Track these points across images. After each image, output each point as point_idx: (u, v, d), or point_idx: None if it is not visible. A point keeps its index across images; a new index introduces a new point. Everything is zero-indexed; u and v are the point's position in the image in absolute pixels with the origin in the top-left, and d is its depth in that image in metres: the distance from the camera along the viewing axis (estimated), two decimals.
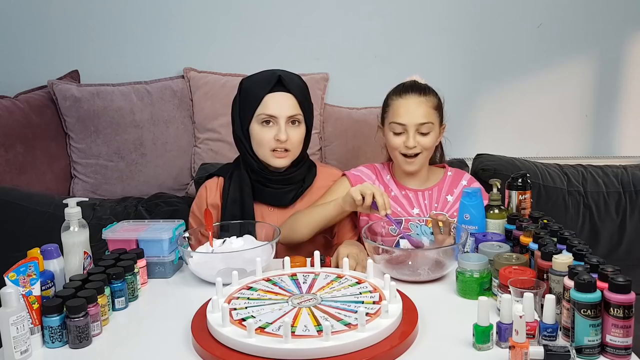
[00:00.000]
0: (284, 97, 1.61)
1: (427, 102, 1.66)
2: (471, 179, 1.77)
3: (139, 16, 2.53)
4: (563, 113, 2.57)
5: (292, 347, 1.02)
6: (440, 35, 2.51)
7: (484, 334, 1.06)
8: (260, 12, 2.51)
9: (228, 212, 1.65)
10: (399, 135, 1.66)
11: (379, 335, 1.06)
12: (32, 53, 2.56)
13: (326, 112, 2.47)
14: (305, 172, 1.71)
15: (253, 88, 1.62)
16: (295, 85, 1.63)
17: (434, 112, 1.67)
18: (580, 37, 2.51)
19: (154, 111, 2.42)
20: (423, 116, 1.64)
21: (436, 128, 1.67)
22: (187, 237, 1.48)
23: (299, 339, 1.04)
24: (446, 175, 1.76)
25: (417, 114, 1.64)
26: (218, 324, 1.09)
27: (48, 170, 2.35)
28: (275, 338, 1.04)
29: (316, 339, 1.03)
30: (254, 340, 1.03)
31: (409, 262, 1.42)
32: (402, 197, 1.72)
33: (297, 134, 1.62)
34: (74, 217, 1.31)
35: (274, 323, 1.09)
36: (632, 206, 2.16)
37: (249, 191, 1.66)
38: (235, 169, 1.71)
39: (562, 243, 1.23)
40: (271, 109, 1.59)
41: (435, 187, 1.73)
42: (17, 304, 1.06)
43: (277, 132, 1.59)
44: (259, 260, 1.32)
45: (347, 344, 1.03)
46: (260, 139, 1.61)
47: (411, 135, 1.64)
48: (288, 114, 1.60)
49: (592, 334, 1.02)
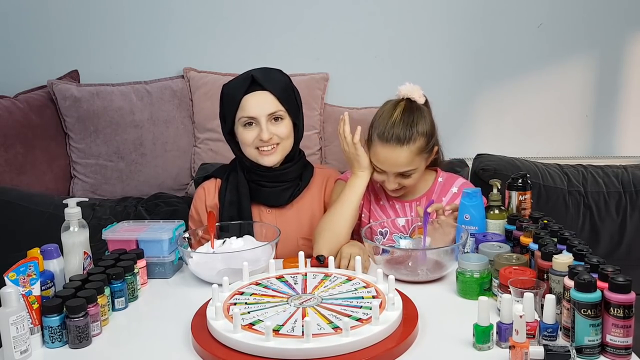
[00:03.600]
0: (261, 96, 1.59)
1: (409, 151, 1.55)
2: (463, 184, 1.71)
3: (138, 16, 2.53)
4: (563, 113, 2.57)
5: (313, 346, 1.02)
6: (440, 35, 2.51)
7: (484, 334, 1.06)
8: (260, 12, 2.51)
9: (225, 214, 1.64)
10: (380, 174, 1.61)
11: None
12: (32, 53, 2.56)
13: (326, 112, 2.47)
14: (301, 170, 1.70)
15: (230, 92, 1.62)
16: (271, 82, 1.60)
17: (417, 156, 1.57)
18: (580, 37, 2.51)
19: (153, 111, 2.42)
20: (403, 165, 1.56)
21: (421, 166, 1.60)
22: (187, 238, 1.48)
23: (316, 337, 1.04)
24: (436, 182, 1.70)
25: (396, 164, 1.56)
26: (228, 331, 1.08)
27: (48, 170, 2.35)
28: (291, 339, 1.04)
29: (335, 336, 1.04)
30: (272, 343, 1.03)
31: (409, 262, 1.42)
32: (389, 207, 1.70)
33: (281, 129, 1.60)
34: (73, 217, 1.31)
35: (285, 324, 1.09)
36: (632, 206, 2.15)
37: (245, 192, 1.65)
38: (231, 170, 1.70)
39: (562, 243, 1.23)
40: (249, 110, 1.58)
41: (423, 197, 1.68)
42: (17, 303, 1.06)
43: (259, 132, 1.58)
44: (245, 264, 1.31)
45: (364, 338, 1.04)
46: (244, 140, 1.61)
47: (391, 180, 1.59)
48: (267, 112, 1.58)
49: (592, 334, 1.02)
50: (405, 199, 1.69)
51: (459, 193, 1.64)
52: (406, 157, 1.55)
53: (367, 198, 1.71)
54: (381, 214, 1.69)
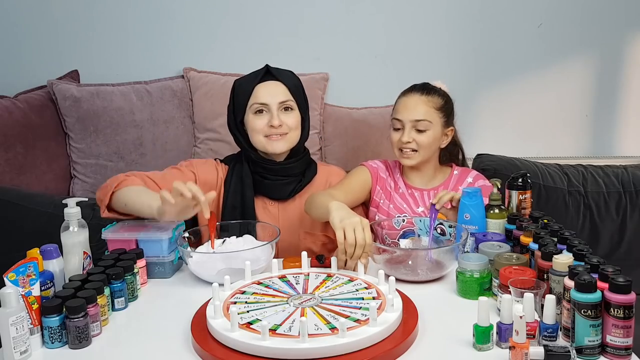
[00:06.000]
0: (274, 85, 1.66)
1: (428, 102, 1.69)
2: (477, 175, 1.79)
3: (139, 16, 2.53)
4: (563, 113, 2.57)
5: (309, 346, 1.02)
6: (440, 35, 2.51)
7: (484, 334, 1.06)
8: (260, 12, 2.51)
9: (229, 202, 1.67)
10: (397, 131, 1.71)
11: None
12: (32, 53, 2.56)
13: (326, 112, 2.47)
14: (305, 166, 1.74)
15: (243, 83, 1.69)
16: (284, 75, 1.69)
17: (435, 112, 1.69)
18: (580, 37, 2.51)
19: (153, 111, 2.42)
20: (420, 113, 1.67)
21: (436, 127, 1.69)
22: (187, 237, 1.48)
23: (312, 338, 1.04)
24: (452, 174, 1.78)
25: (414, 111, 1.68)
26: (225, 329, 1.08)
27: (48, 170, 2.35)
28: (287, 339, 1.04)
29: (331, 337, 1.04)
30: (268, 343, 1.03)
31: (409, 262, 1.42)
32: (408, 196, 1.76)
33: (291, 119, 1.66)
34: (73, 217, 1.31)
35: (282, 324, 1.09)
36: (632, 206, 2.15)
37: (249, 183, 1.68)
38: (237, 161, 1.73)
39: (562, 243, 1.23)
40: (262, 97, 1.64)
41: (441, 186, 1.76)
42: (16, 304, 1.06)
43: (269, 118, 1.63)
44: (248, 264, 1.31)
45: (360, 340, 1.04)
46: (253, 126, 1.65)
47: (406, 131, 1.68)
48: (279, 100, 1.65)
49: (592, 334, 1.02)
50: (424, 188, 1.76)
51: (474, 183, 1.74)
52: (424, 105, 1.68)
53: (387, 188, 1.77)
54: (401, 201, 1.75)
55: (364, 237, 1.29)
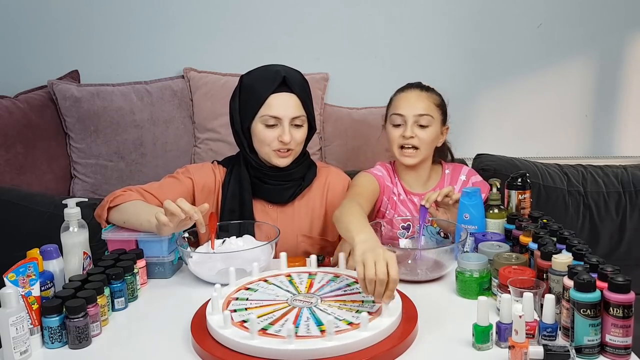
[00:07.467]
0: (288, 98, 1.58)
1: (428, 98, 1.70)
2: (470, 171, 1.79)
3: (139, 16, 2.53)
4: (563, 113, 2.57)
5: (295, 347, 1.02)
6: (440, 35, 2.51)
7: (484, 334, 1.06)
8: (260, 12, 2.51)
9: (227, 206, 1.65)
10: (398, 127, 1.70)
11: (379, 335, 1.06)
12: (32, 53, 2.56)
13: (326, 112, 2.47)
14: (305, 170, 1.70)
15: (256, 87, 1.60)
16: (298, 85, 1.61)
17: (435, 108, 1.70)
18: (580, 37, 2.51)
19: (153, 111, 2.42)
20: (422, 108, 1.68)
21: (436, 124, 1.70)
22: (186, 237, 1.48)
23: (301, 339, 1.04)
24: (444, 174, 1.78)
25: (416, 106, 1.68)
26: (219, 326, 1.08)
27: (48, 170, 2.35)
28: (276, 339, 1.04)
29: (319, 340, 1.03)
30: (256, 342, 1.03)
31: (409, 261, 1.42)
32: (408, 202, 1.76)
33: (300, 135, 1.61)
34: (73, 218, 1.31)
35: (275, 324, 1.09)
36: (632, 206, 2.16)
37: (248, 187, 1.65)
38: (235, 164, 1.69)
39: (561, 243, 1.23)
40: (275, 110, 1.57)
41: (436, 188, 1.74)
42: (16, 304, 1.06)
43: (280, 133, 1.57)
44: (255, 265, 1.32)
45: (348, 344, 1.03)
46: (263, 138, 1.59)
47: (409, 126, 1.67)
48: (292, 115, 1.58)
49: (591, 334, 1.02)
50: (422, 192, 1.75)
51: (468, 180, 1.75)
52: (426, 99, 1.69)
53: (392, 197, 1.76)
54: (403, 209, 1.74)
55: (384, 271, 1.11)
